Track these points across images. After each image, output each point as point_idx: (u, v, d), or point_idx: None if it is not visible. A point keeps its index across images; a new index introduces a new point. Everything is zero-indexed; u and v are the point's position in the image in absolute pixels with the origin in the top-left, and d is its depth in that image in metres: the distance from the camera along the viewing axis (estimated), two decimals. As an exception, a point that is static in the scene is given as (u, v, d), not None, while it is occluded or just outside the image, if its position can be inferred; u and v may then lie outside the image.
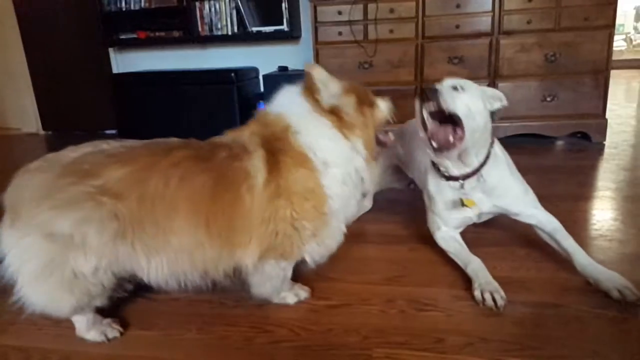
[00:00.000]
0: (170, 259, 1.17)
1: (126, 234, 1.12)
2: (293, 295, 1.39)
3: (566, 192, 2.19)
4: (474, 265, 1.44)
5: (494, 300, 1.28)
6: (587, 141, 3.07)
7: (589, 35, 2.89)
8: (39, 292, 1.13)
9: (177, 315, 1.36)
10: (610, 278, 1.32)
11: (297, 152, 1.19)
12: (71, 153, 1.17)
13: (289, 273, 1.34)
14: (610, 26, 2.86)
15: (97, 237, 1.09)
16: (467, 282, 1.44)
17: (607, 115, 3.04)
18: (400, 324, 1.26)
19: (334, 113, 1.24)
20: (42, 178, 1.11)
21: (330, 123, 1.23)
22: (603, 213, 1.96)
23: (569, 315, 1.24)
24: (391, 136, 1.42)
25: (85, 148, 1.19)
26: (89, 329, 1.24)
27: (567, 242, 1.46)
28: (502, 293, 1.30)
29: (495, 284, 1.34)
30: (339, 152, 1.24)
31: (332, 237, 1.29)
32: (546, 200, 2.07)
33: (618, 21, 3.19)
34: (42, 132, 4.58)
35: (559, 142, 3.15)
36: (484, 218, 1.64)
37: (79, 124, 4.43)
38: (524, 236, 1.74)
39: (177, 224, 1.14)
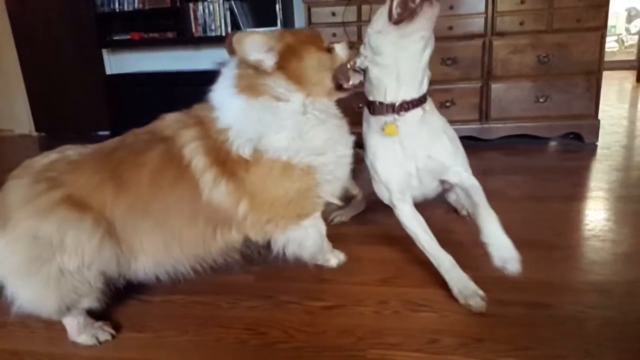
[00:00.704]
0: (153, 255, 1.21)
1: (105, 238, 1.16)
2: (334, 257, 1.46)
3: (559, 193, 2.20)
4: (446, 266, 1.40)
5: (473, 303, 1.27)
6: (580, 142, 3.09)
7: (581, 37, 2.90)
8: (26, 289, 1.14)
9: (171, 317, 1.35)
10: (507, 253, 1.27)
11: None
12: (42, 159, 1.23)
13: (323, 229, 1.40)
14: (602, 28, 2.88)
15: (76, 239, 1.12)
16: (461, 282, 1.44)
17: (600, 116, 3.05)
18: (394, 324, 1.25)
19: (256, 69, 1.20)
20: (20, 185, 1.17)
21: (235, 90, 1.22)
22: (596, 213, 1.97)
23: (563, 316, 1.25)
24: (355, 78, 1.35)
25: (52, 154, 1.25)
26: (80, 332, 1.23)
27: (482, 205, 1.39)
28: (481, 292, 1.29)
29: (472, 286, 1.31)
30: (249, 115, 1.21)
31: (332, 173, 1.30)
32: (539, 201, 2.10)
33: (610, 23, 3.20)
34: (34, 133, 4.55)
35: (552, 143, 3.16)
36: (423, 182, 1.52)
37: (72, 126, 4.40)
38: (517, 237, 1.74)
39: (149, 222, 1.19)
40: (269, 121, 1.20)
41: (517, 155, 2.94)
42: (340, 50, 1.33)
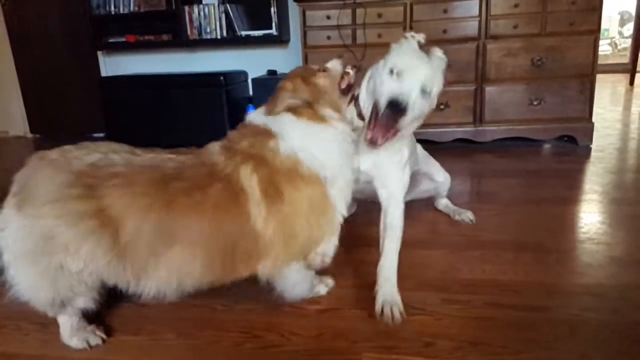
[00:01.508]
0: (162, 281, 1.17)
1: (119, 257, 1.13)
2: (324, 285, 1.45)
3: (553, 196, 2.21)
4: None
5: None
6: (574, 144, 3.11)
7: (574, 40, 2.92)
8: (24, 274, 1.13)
9: (166, 320, 1.35)
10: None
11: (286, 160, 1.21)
12: (85, 156, 1.16)
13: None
14: (595, 31, 2.90)
15: (90, 253, 1.11)
16: (457, 285, 1.44)
17: (594, 118, 3.08)
18: (389, 328, 1.25)
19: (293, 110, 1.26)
20: (55, 178, 1.12)
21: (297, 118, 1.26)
22: (590, 216, 1.98)
23: (558, 319, 1.25)
24: (351, 72, 1.40)
25: (95, 154, 1.17)
26: (72, 335, 1.22)
27: (388, 243, 1.37)
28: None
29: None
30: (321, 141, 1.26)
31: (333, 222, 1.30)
32: (533, 204, 2.11)
33: (603, 26, 3.23)
34: (29, 135, 4.53)
35: (546, 146, 3.18)
36: (361, 181, 1.49)
37: (67, 127, 4.38)
38: (512, 239, 1.75)
39: (173, 252, 1.14)
40: (332, 152, 1.27)
41: (511, 158, 2.95)
42: (332, 65, 1.40)
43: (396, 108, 1.21)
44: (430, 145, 1.99)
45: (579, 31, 2.90)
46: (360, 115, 1.41)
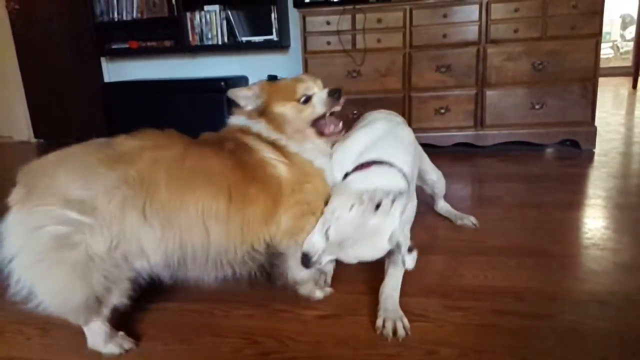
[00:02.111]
0: (184, 229, 1.15)
1: (136, 199, 1.11)
2: (321, 291, 1.43)
3: (556, 200, 2.19)
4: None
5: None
6: (577, 149, 3.09)
7: (576, 44, 2.91)
8: (48, 276, 1.06)
9: (166, 325, 1.34)
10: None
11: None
12: (93, 140, 1.23)
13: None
14: (597, 34, 2.90)
15: (105, 200, 1.08)
16: (459, 291, 1.42)
17: (596, 122, 3.06)
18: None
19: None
20: (59, 152, 1.16)
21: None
22: (594, 221, 1.96)
23: (563, 327, 1.22)
24: (335, 127, 1.40)
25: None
26: (107, 342, 1.20)
27: (394, 271, 1.39)
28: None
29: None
30: None
31: None
32: (536, 208, 2.09)
33: (605, 29, 3.22)
34: (33, 140, 4.56)
35: (549, 150, 3.16)
36: None
37: (71, 132, 4.36)
38: (515, 245, 1.73)
39: (196, 193, 1.16)
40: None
41: (513, 162, 2.94)
42: (318, 101, 1.37)
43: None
44: (431, 149, 1.97)
45: (580, 35, 2.90)
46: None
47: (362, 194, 1.20)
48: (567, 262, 1.58)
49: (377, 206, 1.18)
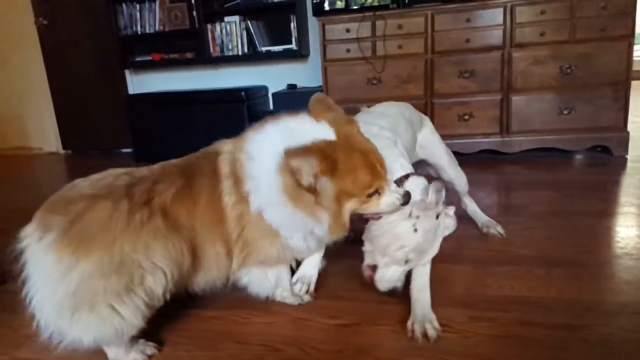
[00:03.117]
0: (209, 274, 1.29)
1: (186, 244, 1.20)
2: (296, 298, 1.44)
3: (587, 209, 2.11)
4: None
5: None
6: (608, 155, 2.98)
7: (606, 46, 2.82)
8: (101, 320, 1.09)
9: (187, 331, 1.35)
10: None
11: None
12: (116, 181, 1.18)
13: (283, 276, 1.42)
14: (629, 36, 2.80)
15: (175, 261, 1.16)
16: (485, 302, 1.38)
17: (629, 127, 2.95)
18: (413, 345, 1.20)
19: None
20: (112, 208, 1.11)
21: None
22: (628, 230, 1.87)
23: (594, 339, 1.17)
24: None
25: (110, 177, 1.21)
26: (129, 352, 1.21)
27: (419, 270, 1.39)
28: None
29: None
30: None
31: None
32: (565, 217, 2.01)
33: (637, 30, 3.10)
34: (62, 151, 4.69)
35: (578, 157, 3.06)
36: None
37: (97, 143, 4.52)
38: (542, 254, 1.66)
39: (205, 246, 1.25)
40: (291, 222, 1.22)
41: (541, 169, 2.85)
42: (387, 204, 1.18)
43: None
44: (455, 157, 1.92)
45: (611, 37, 2.81)
46: None
47: (409, 212, 1.27)
48: (598, 272, 1.51)
49: (436, 215, 1.28)
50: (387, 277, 1.32)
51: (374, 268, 1.35)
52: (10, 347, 1.33)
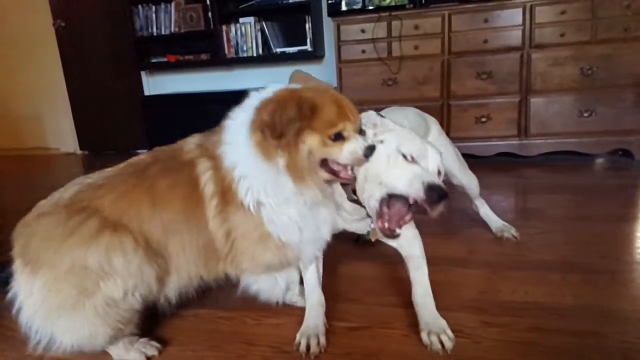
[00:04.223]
0: (181, 271, 1.24)
1: (147, 254, 1.17)
2: (303, 299, 1.39)
3: (606, 213, 2.05)
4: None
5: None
6: (630, 159, 2.90)
7: (629, 47, 2.75)
8: (71, 327, 1.13)
9: (197, 331, 1.35)
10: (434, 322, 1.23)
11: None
12: (64, 194, 1.22)
13: (293, 278, 1.36)
14: (653, 36, 2.72)
15: (122, 260, 1.12)
16: (497, 307, 1.34)
17: (652, 130, 2.86)
18: (423, 350, 1.18)
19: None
20: (51, 222, 1.15)
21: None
22: (649, 235, 1.81)
23: (611, 347, 1.13)
24: (350, 172, 1.18)
25: (71, 187, 1.24)
26: (128, 350, 1.23)
27: (413, 273, 1.32)
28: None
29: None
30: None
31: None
32: (583, 222, 1.96)
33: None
34: (79, 151, 4.77)
35: (598, 160, 2.98)
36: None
37: (113, 144, 4.58)
38: (559, 259, 1.62)
39: (172, 243, 1.21)
40: (272, 187, 1.14)
41: (560, 173, 2.79)
42: (353, 147, 1.12)
43: (436, 192, 1.10)
44: (471, 160, 1.88)
45: (634, 37, 2.73)
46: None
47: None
48: (617, 278, 1.46)
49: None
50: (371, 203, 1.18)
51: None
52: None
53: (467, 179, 1.81)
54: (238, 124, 1.18)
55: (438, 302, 1.35)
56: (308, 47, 3.65)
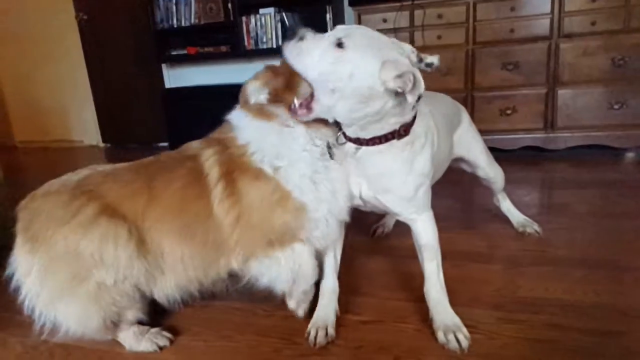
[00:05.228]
0: (176, 273, 1.22)
1: (139, 248, 1.16)
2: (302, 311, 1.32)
3: (635, 209, 1.96)
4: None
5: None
6: (663, 153, 2.77)
7: (664, 36, 2.62)
8: (67, 309, 1.15)
9: (209, 321, 1.36)
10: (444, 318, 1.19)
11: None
12: (73, 176, 1.25)
13: (305, 269, 1.24)
14: (690, 24, 2.59)
15: (113, 251, 1.13)
16: (515, 303, 1.30)
17: (687, 124, 2.73)
18: (436, 345, 1.16)
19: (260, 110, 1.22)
20: (53, 201, 1.17)
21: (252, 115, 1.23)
22: (679, 233, 1.73)
23: (634, 346, 1.08)
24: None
25: (83, 171, 1.27)
26: (139, 340, 1.24)
27: (427, 265, 1.25)
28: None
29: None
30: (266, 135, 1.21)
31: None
32: (610, 218, 1.88)
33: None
34: (101, 144, 4.85)
35: (629, 154, 2.86)
36: (369, 207, 1.31)
37: (134, 137, 4.64)
38: (582, 256, 1.56)
39: (167, 241, 1.19)
40: (285, 149, 1.19)
41: (587, 168, 2.69)
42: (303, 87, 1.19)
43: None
44: (495, 153, 1.81)
45: (669, 26, 2.60)
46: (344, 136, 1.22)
47: None
48: (643, 276, 1.40)
49: None
50: None
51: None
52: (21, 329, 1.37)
53: (493, 172, 1.74)
54: (237, 111, 1.28)
55: (453, 297, 1.31)
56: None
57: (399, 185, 1.19)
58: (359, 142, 1.16)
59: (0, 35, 4.82)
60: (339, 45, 1.05)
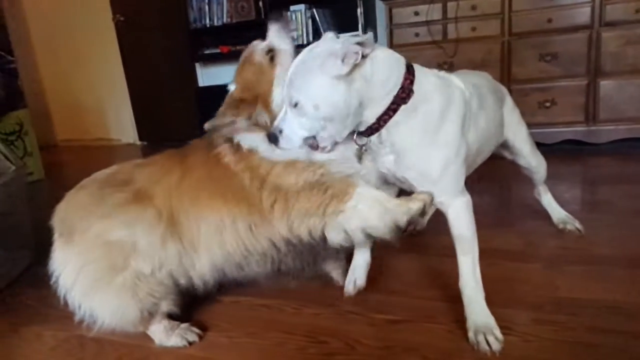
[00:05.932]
0: (209, 246, 1.22)
1: (170, 228, 1.19)
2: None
3: (684, 205, 1.85)
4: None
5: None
6: None
7: None
8: (103, 301, 1.17)
9: (237, 318, 1.37)
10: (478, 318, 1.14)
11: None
12: (105, 171, 1.30)
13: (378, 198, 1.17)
14: None
15: (146, 235, 1.15)
16: (553, 304, 1.25)
17: None
18: (467, 347, 1.12)
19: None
20: (85, 193, 1.22)
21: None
22: None
23: (682, 352, 1.01)
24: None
25: (114, 166, 1.33)
26: (169, 335, 1.26)
27: (462, 259, 1.18)
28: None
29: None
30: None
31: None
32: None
33: None
34: (138, 142, 4.99)
35: (678, 148, 2.70)
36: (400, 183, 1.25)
37: (170, 135, 4.71)
38: (625, 255, 1.48)
39: (203, 211, 1.21)
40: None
41: (631, 162, 2.56)
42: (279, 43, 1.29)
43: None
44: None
45: None
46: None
47: None
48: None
49: None
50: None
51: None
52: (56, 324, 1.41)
53: (536, 161, 1.64)
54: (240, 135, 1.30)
55: (488, 297, 1.26)
56: (360, 33, 3.57)
57: (421, 159, 1.12)
58: (371, 130, 1.13)
59: (42, 37, 5.04)
60: (295, 105, 1.07)
